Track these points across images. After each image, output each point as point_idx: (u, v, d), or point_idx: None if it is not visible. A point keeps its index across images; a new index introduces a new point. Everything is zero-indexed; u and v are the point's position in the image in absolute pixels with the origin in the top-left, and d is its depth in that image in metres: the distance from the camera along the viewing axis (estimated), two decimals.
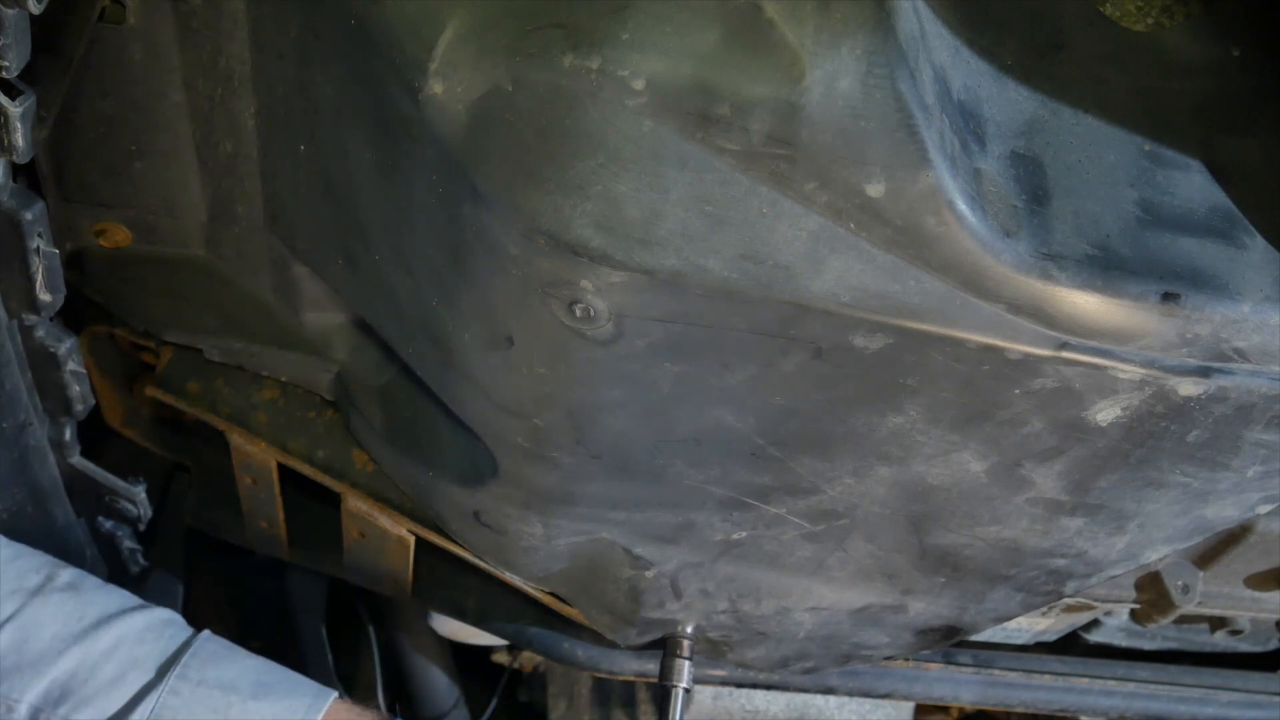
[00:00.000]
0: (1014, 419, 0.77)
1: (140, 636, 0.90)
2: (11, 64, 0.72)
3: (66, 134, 0.91)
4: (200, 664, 0.90)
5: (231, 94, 0.88)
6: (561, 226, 0.66)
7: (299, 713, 0.90)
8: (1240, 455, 0.79)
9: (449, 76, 0.66)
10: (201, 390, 1.09)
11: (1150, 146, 0.72)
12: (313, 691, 0.93)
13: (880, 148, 0.62)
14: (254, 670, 0.93)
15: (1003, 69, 0.71)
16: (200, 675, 0.89)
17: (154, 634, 0.91)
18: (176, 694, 0.88)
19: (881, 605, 1.05)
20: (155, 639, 0.91)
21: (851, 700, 1.48)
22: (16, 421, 0.96)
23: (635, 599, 1.06)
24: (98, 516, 1.16)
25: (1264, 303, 0.69)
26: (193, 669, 0.89)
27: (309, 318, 1.03)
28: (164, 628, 0.92)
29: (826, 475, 0.86)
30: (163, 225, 0.99)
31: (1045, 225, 0.67)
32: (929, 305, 0.68)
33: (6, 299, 0.88)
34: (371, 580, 1.22)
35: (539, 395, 0.81)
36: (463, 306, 0.79)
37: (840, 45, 0.60)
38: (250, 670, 0.92)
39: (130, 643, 0.89)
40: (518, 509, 0.96)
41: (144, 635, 0.90)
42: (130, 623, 0.90)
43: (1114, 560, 0.94)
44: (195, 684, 0.89)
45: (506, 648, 1.60)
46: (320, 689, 0.94)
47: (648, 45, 0.62)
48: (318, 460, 1.09)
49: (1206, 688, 1.37)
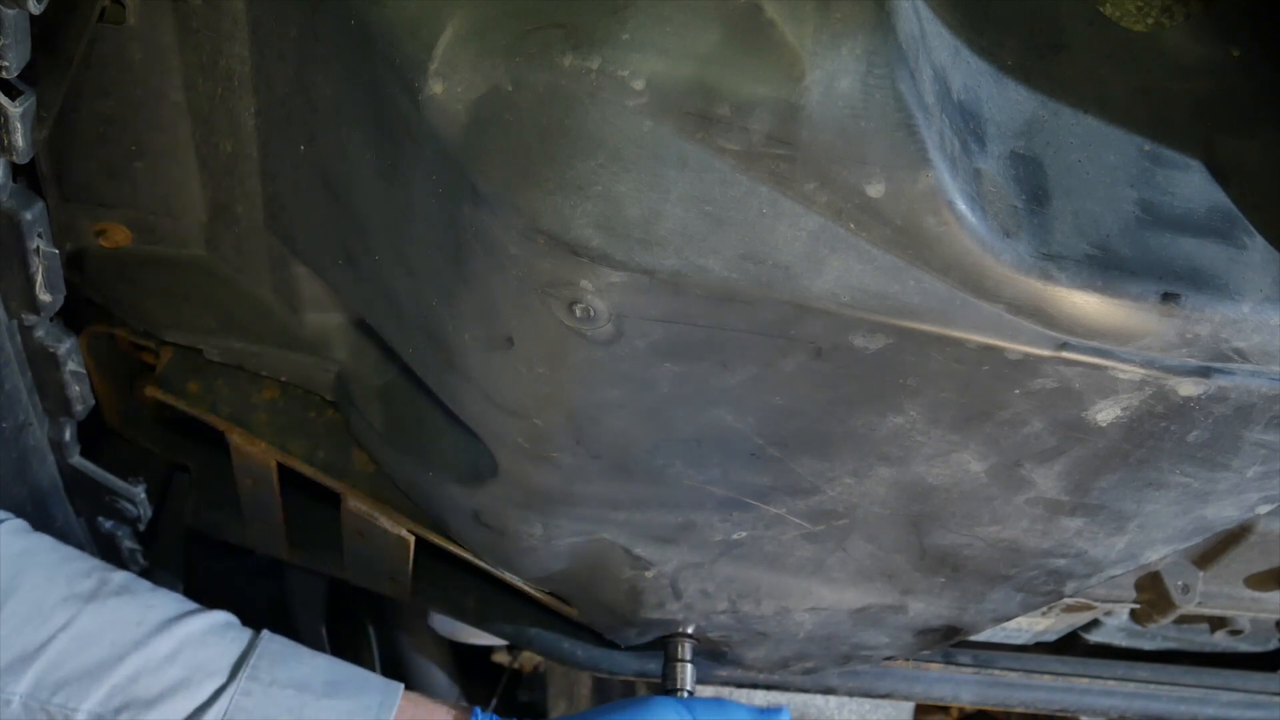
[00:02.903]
0: (1014, 419, 0.77)
1: (203, 639, 0.88)
2: (11, 64, 0.72)
3: (66, 134, 0.91)
4: (270, 664, 0.89)
5: (231, 94, 0.88)
6: (561, 226, 0.66)
7: (372, 710, 0.89)
8: (1240, 455, 0.79)
9: (449, 76, 0.66)
10: (201, 390, 1.09)
11: (1150, 146, 0.71)
12: (382, 687, 0.92)
13: (880, 148, 0.62)
14: (323, 669, 0.92)
15: (1003, 69, 0.71)
16: (271, 675, 0.88)
17: (216, 636, 0.89)
18: (249, 694, 0.86)
19: (881, 605, 1.05)
20: (218, 641, 0.89)
21: (851, 700, 1.48)
22: (16, 422, 0.96)
23: (635, 599, 1.06)
24: (98, 516, 1.16)
25: (1264, 303, 0.69)
26: (263, 670, 0.88)
27: (309, 318, 1.03)
28: (225, 630, 0.90)
29: (826, 475, 0.86)
30: (163, 225, 0.99)
31: (1045, 225, 0.67)
32: (929, 305, 0.68)
33: (6, 299, 0.88)
34: (371, 580, 1.22)
35: (539, 395, 0.81)
36: (463, 306, 0.79)
37: (840, 45, 0.60)
38: (320, 669, 0.91)
39: (194, 646, 0.87)
40: (518, 509, 0.96)
41: (206, 638, 0.88)
42: (190, 626, 0.88)
43: (1114, 560, 0.94)
44: (267, 684, 0.87)
45: (506, 648, 1.60)
46: (388, 683, 0.93)
47: (648, 45, 0.62)
48: (318, 460, 1.09)
49: (1206, 688, 1.37)
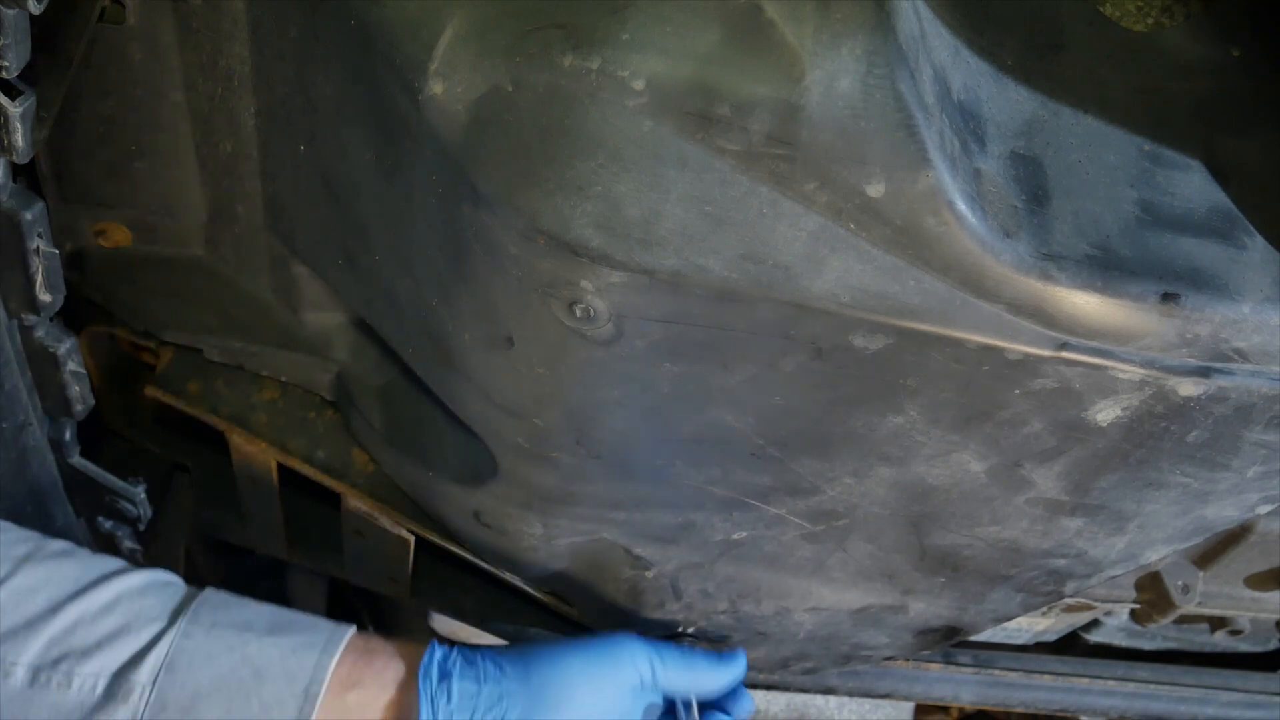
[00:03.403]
0: (1014, 419, 0.77)
1: (142, 591, 0.85)
2: (11, 64, 0.72)
3: (66, 134, 0.91)
4: (211, 609, 0.86)
5: (231, 94, 0.88)
6: (561, 226, 0.66)
7: (318, 646, 0.87)
8: (1240, 455, 0.79)
9: (449, 76, 0.66)
10: (201, 390, 1.09)
11: (1150, 146, 0.71)
12: (330, 626, 0.90)
13: (880, 148, 0.62)
14: (268, 613, 0.89)
15: (1003, 69, 0.71)
16: (213, 618, 0.85)
17: (156, 590, 0.86)
18: (189, 637, 0.83)
19: (881, 606, 1.05)
20: (158, 593, 0.86)
21: (851, 700, 1.48)
22: (16, 422, 0.96)
23: (635, 599, 1.06)
24: (98, 516, 1.15)
25: (1264, 303, 0.69)
26: (204, 614, 0.85)
27: (309, 318, 1.03)
28: (165, 585, 0.88)
29: (826, 475, 0.86)
30: (163, 225, 0.99)
31: (1045, 225, 0.67)
32: (929, 305, 0.68)
33: (6, 299, 0.88)
34: (371, 580, 1.22)
35: (539, 395, 0.81)
36: (463, 306, 0.79)
37: (840, 45, 0.60)
38: (264, 613, 0.89)
39: (132, 596, 0.84)
40: (518, 509, 0.96)
41: (145, 590, 0.85)
42: (129, 580, 0.85)
43: (1114, 560, 0.94)
44: (209, 627, 0.84)
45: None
46: (338, 624, 0.91)
47: (648, 45, 0.62)
48: (318, 460, 1.09)
49: (1206, 688, 1.37)
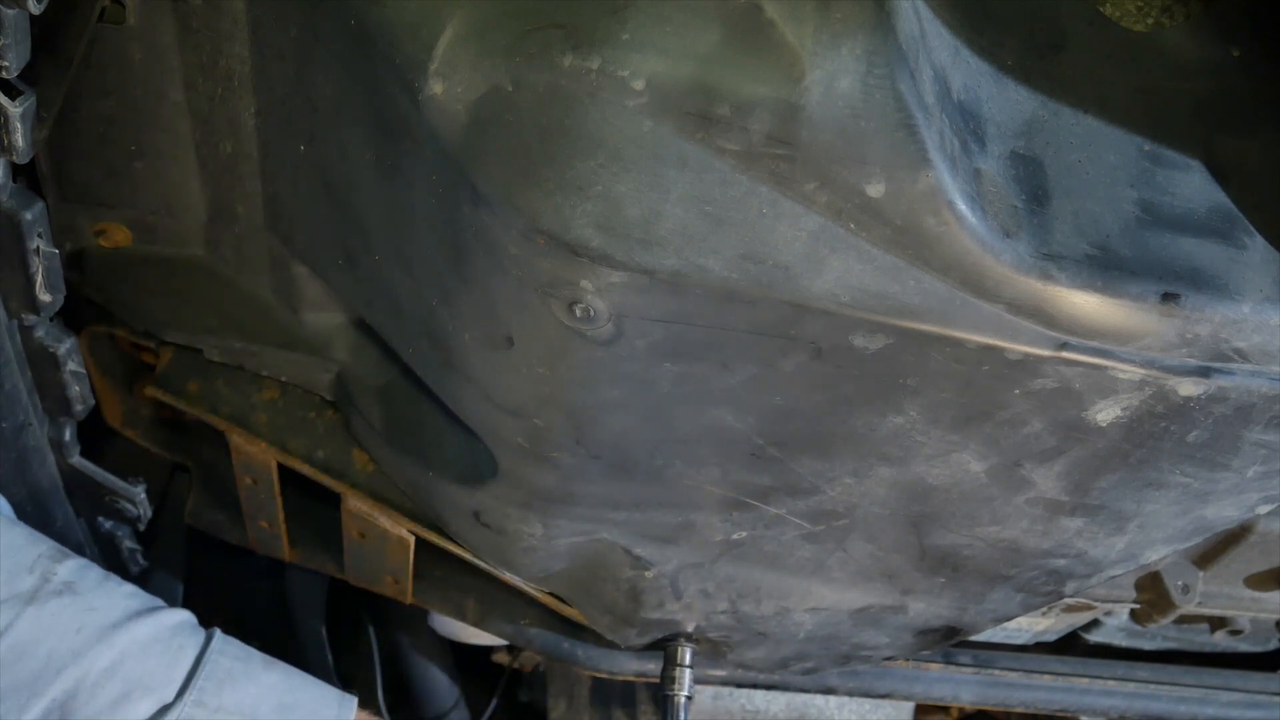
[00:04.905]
0: (1014, 419, 0.77)
1: (145, 650, 0.84)
2: (11, 64, 0.72)
3: (66, 134, 0.91)
4: (216, 686, 0.85)
5: (231, 94, 0.88)
6: (561, 226, 0.66)
7: None
8: (1240, 455, 0.79)
9: (449, 76, 0.66)
10: (201, 390, 1.09)
11: (1150, 146, 0.71)
12: (336, 700, 0.90)
13: (880, 148, 0.62)
14: (276, 688, 0.88)
15: (1003, 69, 0.71)
16: (218, 701, 0.84)
17: (161, 646, 0.85)
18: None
19: (881, 606, 1.05)
20: (162, 652, 0.84)
21: (851, 700, 1.48)
22: (16, 422, 0.96)
23: (635, 599, 1.06)
24: (98, 516, 1.16)
25: (1264, 303, 0.69)
26: (209, 693, 0.84)
27: (309, 318, 1.03)
28: (171, 637, 0.86)
29: (826, 475, 0.86)
30: (163, 225, 0.99)
31: (1045, 225, 0.67)
32: (929, 305, 0.68)
33: (6, 299, 0.88)
34: (371, 580, 1.22)
35: (539, 395, 0.81)
36: (462, 306, 0.79)
37: (840, 45, 0.60)
38: (271, 688, 0.88)
39: (134, 658, 0.83)
40: (518, 509, 0.96)
41: (149, 648, 0.84)
42: (133, 634, 0.84)
43: (1114, 560, 0.94)
44: (213, 711, 0.83)
45: (506, 648, 1.60)
46: (342, 699, 0.90)
47: (648, 45, 0.62)
48: (318, 460, 1.10)
49: (1206, 688, 1.37)
